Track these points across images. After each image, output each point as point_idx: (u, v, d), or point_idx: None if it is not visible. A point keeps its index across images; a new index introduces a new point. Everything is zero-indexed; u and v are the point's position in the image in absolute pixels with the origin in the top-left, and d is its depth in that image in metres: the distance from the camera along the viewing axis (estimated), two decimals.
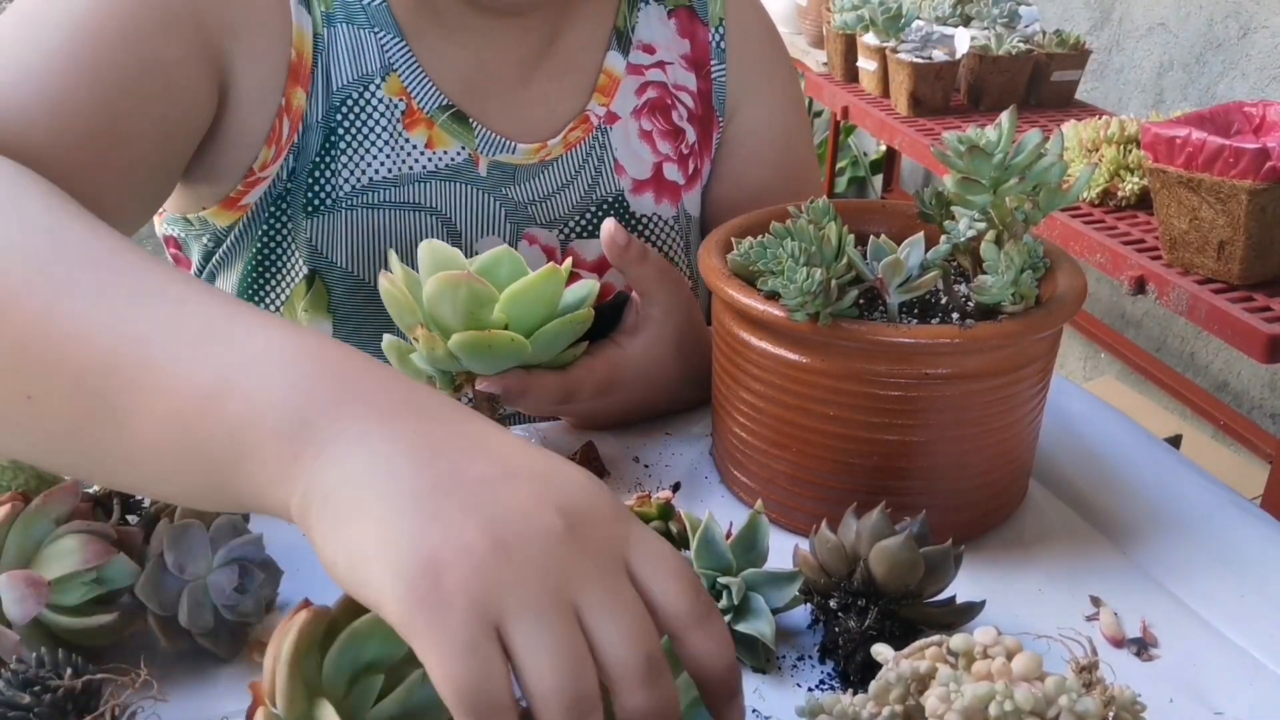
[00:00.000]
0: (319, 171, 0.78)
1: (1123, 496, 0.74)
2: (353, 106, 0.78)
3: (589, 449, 0.77)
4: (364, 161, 0.79)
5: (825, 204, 0.68)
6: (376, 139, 0.79)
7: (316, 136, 0.78)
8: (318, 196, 0.79)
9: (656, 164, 0.91)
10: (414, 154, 0.80)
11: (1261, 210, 1.27)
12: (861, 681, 0.56)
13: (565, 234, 0.88)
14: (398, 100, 0.79)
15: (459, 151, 0.82)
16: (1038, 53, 2.06)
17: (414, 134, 0.80)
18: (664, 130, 0.91)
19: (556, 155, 0.86)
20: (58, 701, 0.48)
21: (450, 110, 0.81)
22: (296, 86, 0.76)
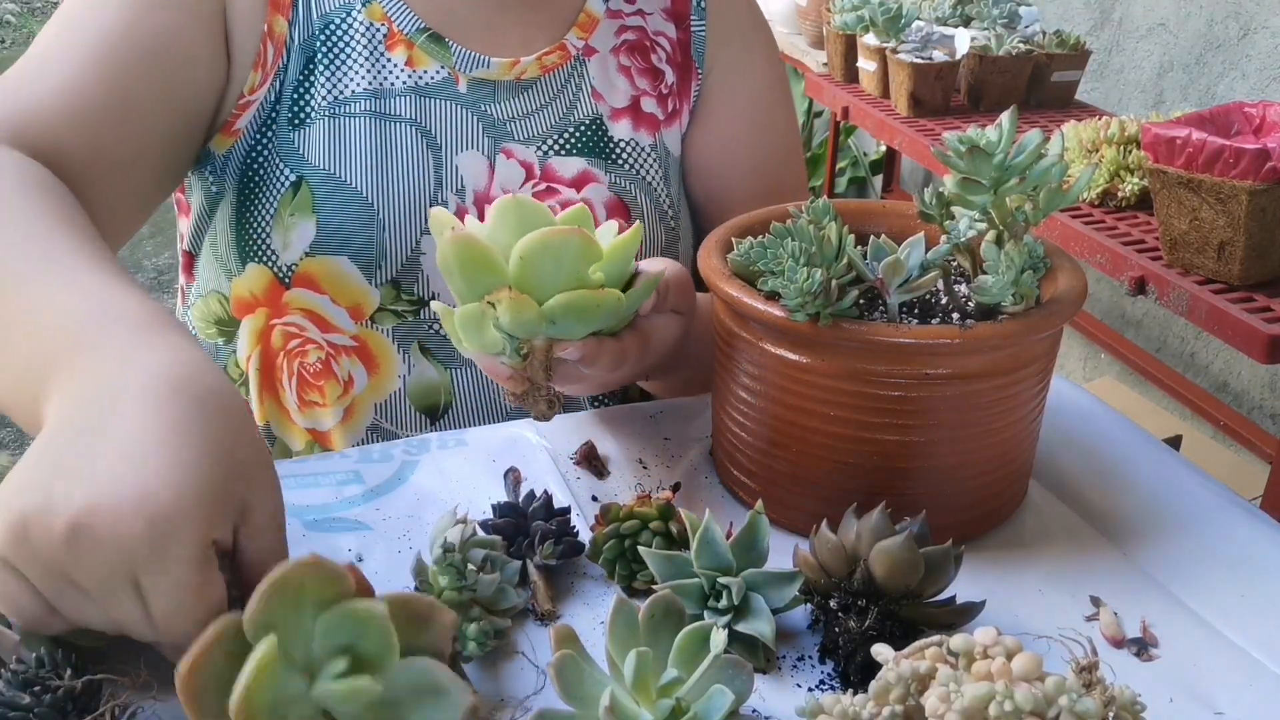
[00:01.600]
0: (301, 90, 0.86)
1: (1123, 496, 0.74)
2: (334, 30, 0.87)
3: (589, 449, 0.77)
4: (341, 77, 0.86)
5: (825, 204, 0.68)
6: (357, 57, 0.87)
7: (298, 60, 0.86)
8: (301, 111, 0.86)
9: (634, 96, 0.96)
10: (395, 71, 0.87)
11: (1261, 211, 1.27)
12: (861, 682, 0.56)
13: (544, 151, 0.91)
14: (379, 25, 0.87)
15: (439, 70, 0.88)
16: (1038, 53, 2.06)
17: (394, 53, 0.88)
18: (642, 68, 0.96)
19: (533, 76, 0.91)
20: (58, 702, 0.48)
21: (428, 32, 0.88)
22: (277, 14, 0.86)
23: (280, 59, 0.85)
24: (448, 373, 0.90)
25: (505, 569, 0.60)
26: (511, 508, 0.66)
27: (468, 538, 0.59)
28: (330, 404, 0.90)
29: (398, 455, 0.78)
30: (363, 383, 0.89)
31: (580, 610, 0.63)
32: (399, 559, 0.67)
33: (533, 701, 0.55)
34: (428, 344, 0.89)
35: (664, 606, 0.54)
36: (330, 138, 0.86)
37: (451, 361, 0.90)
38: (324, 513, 0.71)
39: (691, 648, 0.52)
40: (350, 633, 0.47)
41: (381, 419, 0.91)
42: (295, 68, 0.86)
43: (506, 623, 0.59)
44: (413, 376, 0.90)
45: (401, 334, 0.88)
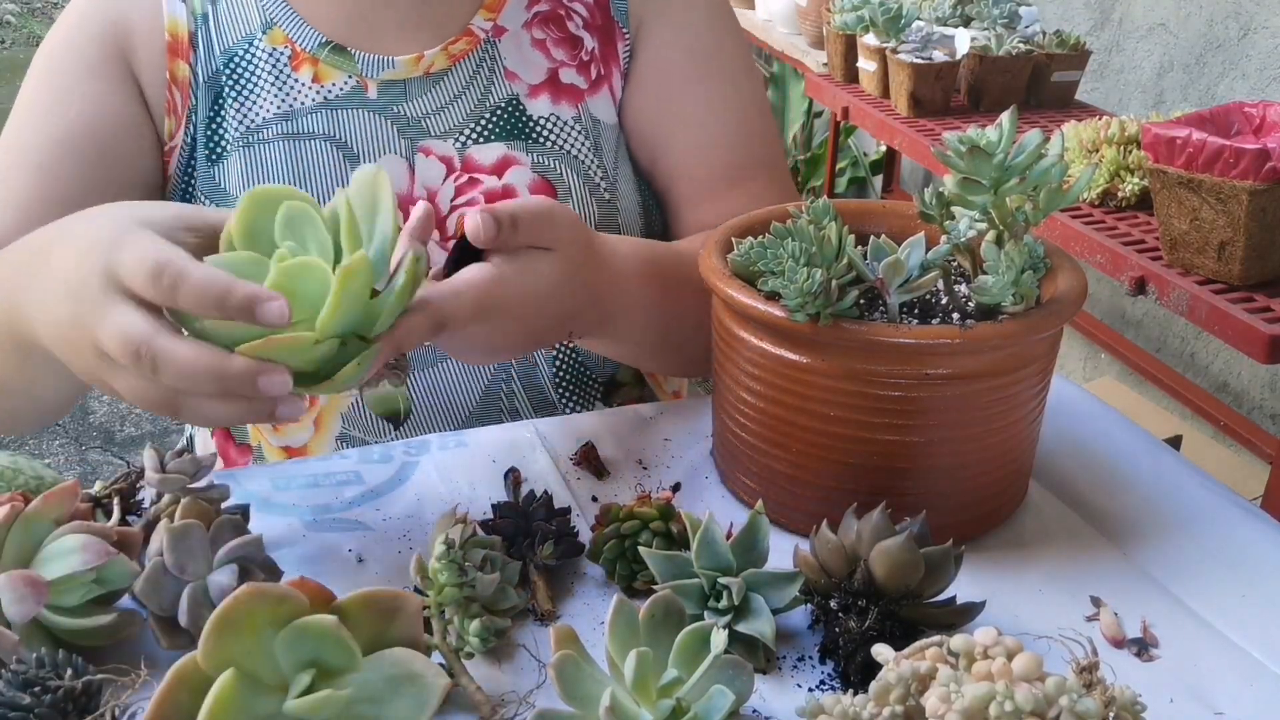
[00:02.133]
0: (213, 126, 0.89)
1: (1123, 496, 0.74)
2: (239, 63, 0.89)
3: (589, 450, 0.77)
4: (250, 106, 0.88)
5: (825, 204, 0.68)
6: (263, 85, 0.88)
7: (206, 97, 0.89)
8: (217, 147, 0.89)
9: (551, 69, 0.93)
10: (303, 90, 0.88)
11: (1262, 211, 1.27)
12: (862, 682, 0.56)
13: (461, 142, 0.90)
14: (281, 48, 0.89)
15: (346, 80, 0.89)
16: (1038, 53, 2.06)
17: (300, 73, 0.89)
18: (558, 39, 0.93)
19: (442, 68, 0.89)
20: (58, 702, 0.48)
21: (329, 45, 0.89)
22: (177, 59, 0.89)
23: (188, 101, 0.88)
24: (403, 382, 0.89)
25: (505, 569, 0.60)
26: (511, 508, 0.67)
27: (468, 538, 0.59)
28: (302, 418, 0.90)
29: (398, 455, 0.78)
30: (325, 396, 0.89)
31: (580, 610, 0.63)
32: (399, 559, 0.67)
33: (534, 698, 0.55)
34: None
35: (664, 606, 0.54)
36: (247, 167, 0.88)
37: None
38: (324, 513, 0.71)
39: (691, 648, 0.52)
40: (310, 647, 0.49)
41: (350, 428, 0.91)
42: (204, 106, 0.88)
43: (507, 623, 0.59)
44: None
45: None
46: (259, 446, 0.93)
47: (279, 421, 0.59)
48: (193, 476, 0.62)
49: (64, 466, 2.51)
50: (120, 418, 2.70)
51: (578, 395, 0.96)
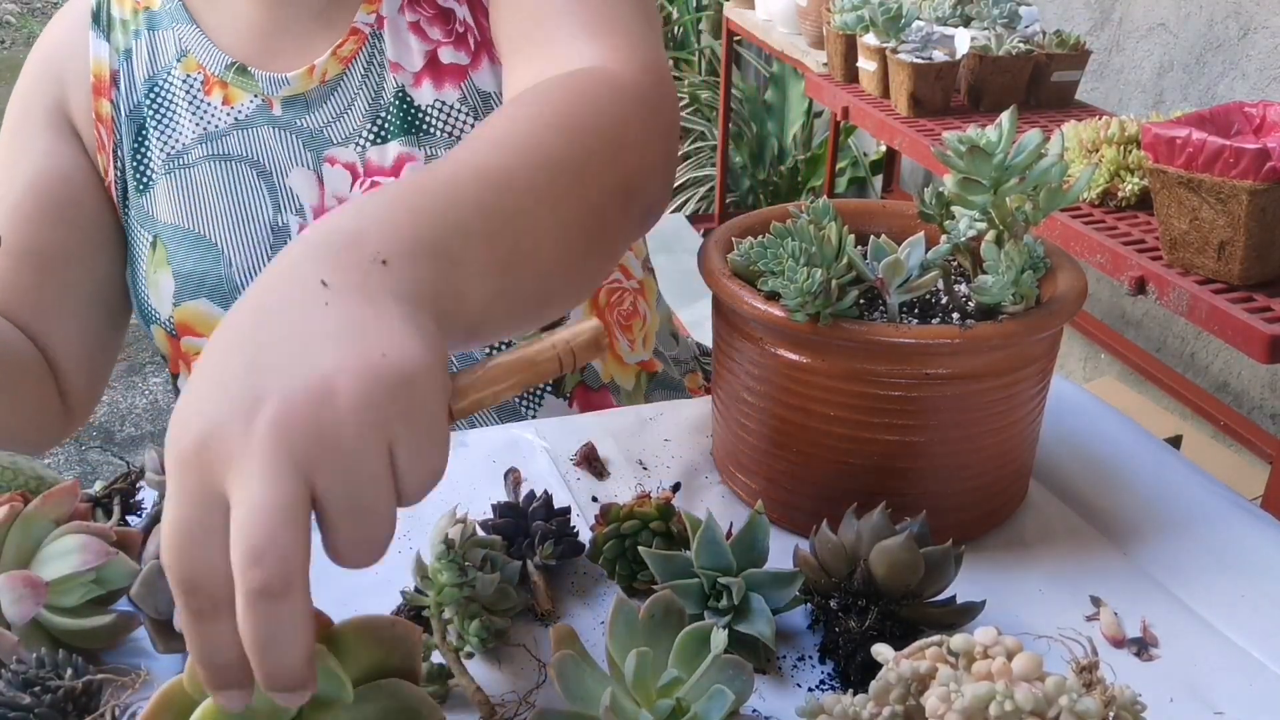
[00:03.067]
0: (139, 156, 0.92)
1: (1123, 496, 0.74)
2: (157, 94, 0.92)
3: (589, 450, 0.77)
4: (171, 133, 0.91)
5: (825, 204, 0.68)
6: (181, 111, 0.91)
7: (130, 130, 0.92)
8: (143, 176, 0.92)
9: (429, 51, 0.89)
10: (215, 113, 0.91)
11: (1262, 211, 1.26)
12: (862, 682, 0.56)
13: (361, 147, 0.89)
14: (195, 75, 0.91)
15: (251, 100, 0.90)
16: (1038, 53, 2.06)
17: (211, 96, 0.91)
18: (431, 16, 0.89)
19: (335, 74, 0.89)
20: (58, 702, 0.48)
21: (234, 66, 0.90)
22: (100, 98, 0.92)
23: (113, 136, 0.92)
24: None
25: (505, 569, 0.60)
26: (511, 508, 0.66)
27: (468, 537, 0.59)
28: None
29: None
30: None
31: (580, 610, 0.63)
32: (399, 559, 0.67)
33: (534, 698, 0.55)
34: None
35: (664, 606, 0.54)
36: (172, 192, 0.91)
37: None
38: None
39: (691, 648, 0.52)
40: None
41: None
42: (129, 138, 0.92)
43: (507, 623, 0.59)
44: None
45: None
46: None
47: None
48: None
49: (64, 466, 2.51)
50: (120, 418, 2.70)
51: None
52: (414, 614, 0.61)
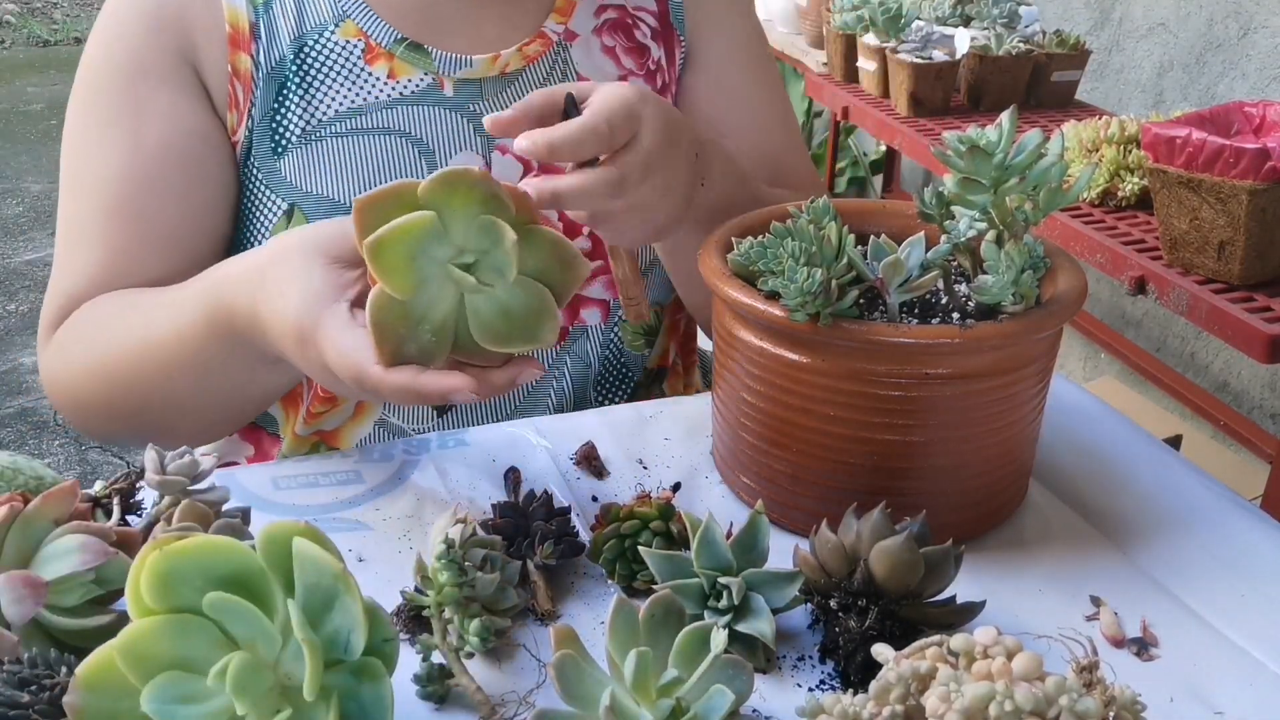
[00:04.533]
0: (278, 118, 0.86)
1: (1123, 496, 0.74)
2: (307, 55, 0.86)
3: (589, 449, 0.77)
4: (321, 98, 0.86)
5: (825, 204, 0.68)
6: (335, 77, 0.86)
7: (268, 90, 0.86)
8: (283, 139, 0.86)
9: (621, 76, 0.93)
10: (377, 85, 0.87)
11: (1262, 210, 1.26)
12: (862, 681, 0.56)
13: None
14: (355, 41, 0.87)
15: (422, 77, 0.88)
16: (1038, 53, 2.06)
17: (375, 67, 0.87)
18: (627, 47, 0.94)
19: (516, 69, 0.90)
20: (56, 699, 0.48)
21: (405, 42, 0.87)
22: (239, 52, 0.85)
23: (250, 94, 0.86)
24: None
25: (505, 569, 0.60)
26: (511, 508, 0.66)
27: (468, 537, 0.59)
28: (342, 402, 0.90)
29: (398, 455, 0.78)
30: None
31: (580, 610, 0.63)
32: (399, 559, 0.67)
33: (534, 698, 0.55)
34: None
35: (664, 606, 0.54)
36: (317, 159, 0.86)
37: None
38: (324, 512, 0.71)
39: (691, 648, 0.52)
40: (489, 239, 0.62)
41: (389, 414, 0.91)
42: (266, 98, 0.86)
43: (507, 623, 0.59)
44: None
45: None
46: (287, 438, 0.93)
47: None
48: (193, 478, 0.62)
49: (64, 466, 2.51)
50: None
51: (611, 397, 0.97)
52: (414, 614, 0.61)
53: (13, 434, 2.62)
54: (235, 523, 0.60)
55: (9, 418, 2.68)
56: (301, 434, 0.92)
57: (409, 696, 0.56)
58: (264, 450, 0.96)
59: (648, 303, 0.78)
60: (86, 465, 2.53)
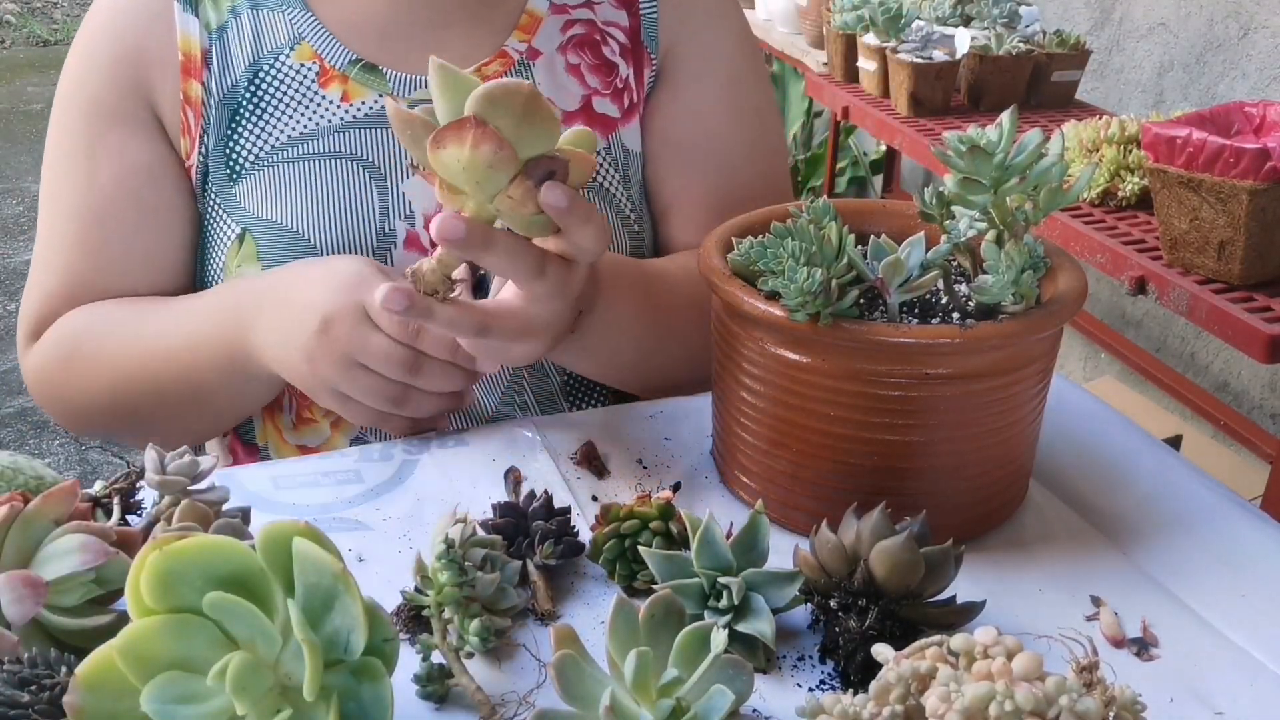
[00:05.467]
0: (231, 143, 0.87)
1: (1123, 496, 0.74)
2: (262, 80, 0.87)
3: (589, 449, 0.77)
4: (275, 123, 0.86)
5: (825, 204, 0.68)
6: (289, 101, 0.87)
7: (221, 115, 0.87)
8: (237, 165, 0.87)
9: (585, 96, 0.91)
10: (330, 108, 0.86)
11: (1262, 210, 1.27)
12: (862, 681, 0.56)
13: None
14: (310, 64, 0.87)
15: (375, 100, 0.87)
16: (1038, 53, 2.06)
17: (328, 90, 0.87)
18: (593, 64, 0.91)
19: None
20: (56, 699, 0.48)
21: (360, 63, 0.87)
22: (190, 79, 0.87)
23: (200, 120, 0.86)
24: None
25: (505, 569, 0.60)
26: (511, 508, 0.66)
27: (468, 537, 0.59)
28: (322, 419, 0.89)
29: (398, 455, 0.78)
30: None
31: (580, 610, 0.63)
32: (399, 559, 0.67)
33: (534, 698, 0.55)
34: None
35: (664, 606, 0.54)
36: (269, 185, 0.86)
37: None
38: (324, 512, 0.71)
39: (691, 648, 0.52)
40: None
41: (366, 431, 0.89)
42: (220, 124, 0.86)
43: (507, 622, 0.59)
44: None
45: None
46: (265, 446, 0.93)
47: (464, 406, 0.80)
48: (193, 478, 0.62)
49: (64, 466, 2.51)
50: None
51: (586, 397, 0.95)
52: (414, 614, 0.61)
53: (13, 434, 2.62)
54: (235, 523, 0.60)
55: (9, 418, 2.68)
56: (290, 442, 0.91)
57: (409, 696, 0.56)
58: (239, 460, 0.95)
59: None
60: (86, 465, 2.53)
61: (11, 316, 3.17)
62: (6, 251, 3.62)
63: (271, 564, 0.48)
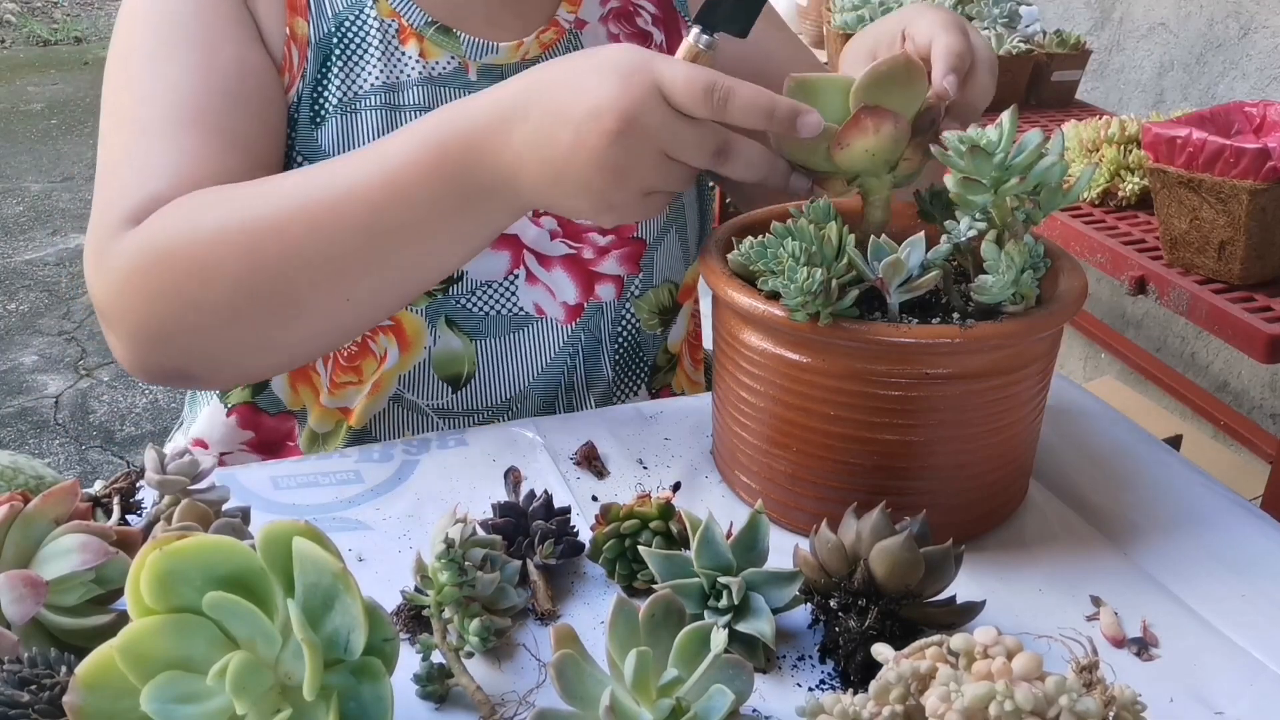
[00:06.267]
0: (319, 88, 0.87)
1: (1123, 496, 0.74)
2: (346, 31, 0.87)
3: (589, 449, 0.77)
4: (357, 72, 0.87)
5: (825, 204, 0.68)
6: (372, 52, 0.88)
7: (315, 58, 0.87)
8: (322, 109, 0.87)
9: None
10: (410, 63, 0.88)
11: (1262, 210, 1.26)
12: (862, 681, 0.56)
13: None
14: (390, 20, 0.88)
15: (449, 60, 0.89)
16: (1038, 53, 2.06)
17: (407, 46, 0.88)
18: (630, 34, 0.96)
19: (534, 55, 0.91)
20: (56, 699, 0.48)
21: (435, 25, 0.89)
22: (296, 16, 0.86)
23: (304, 61, 0.86)
24: (472, 344, 0.91)
25: (505, 568, 0.60)
26: (511, 507, 0.66)
27: (468, 537, 0.59)
28: (366, 380, 0.90)
29: (398, 455, 0.78)
30: (394, 359, 0.90)
31: (580, 610, 0.63)
32: (399, 559, 0.67)
33: (534, 697, 0.55)
34: (454, 317, 0.90)
35: (664, 606, 0.54)
36: (352, 129, 0.87)
37: (477, 333, 0.91)
38: (324, 512, 0.71)
39: (691, 647, 0.52)
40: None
41: (404, 389, 0.91)
42: (313, 66, 0.87)
43: (507, 622, 0.59)
44: (438, 347, 0.90)
45: (431, 310, 0.89)
46: (302, 411, 0.93)
47: (792, 192, 0.71)
48: (193, 478, 0.62)
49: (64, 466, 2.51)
50: (120, 417, 2.71)
51: (629, 377, 0.98)
52: (414, 614, 0.61)
53: (13, 434, 2.62)
54: (235, 523, 0.60)
55: (9, 418, 2.68)
56: (327, 405, 0.92)
57: (409, 696, 0.56)
58: (264, 434, 0.95)
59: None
60: (86, 465, 2.53)
61: (11, 316, 3.17)
62: (6, 251, 3.62)
63: (271, 564, 0.48)
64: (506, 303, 0.91)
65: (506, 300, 0.91)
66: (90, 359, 2.95)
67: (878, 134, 0.65)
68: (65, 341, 3.04)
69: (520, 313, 0.92)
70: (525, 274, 0.91)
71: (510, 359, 0.93)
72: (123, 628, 0.56)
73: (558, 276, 0.92)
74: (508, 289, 0.91)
